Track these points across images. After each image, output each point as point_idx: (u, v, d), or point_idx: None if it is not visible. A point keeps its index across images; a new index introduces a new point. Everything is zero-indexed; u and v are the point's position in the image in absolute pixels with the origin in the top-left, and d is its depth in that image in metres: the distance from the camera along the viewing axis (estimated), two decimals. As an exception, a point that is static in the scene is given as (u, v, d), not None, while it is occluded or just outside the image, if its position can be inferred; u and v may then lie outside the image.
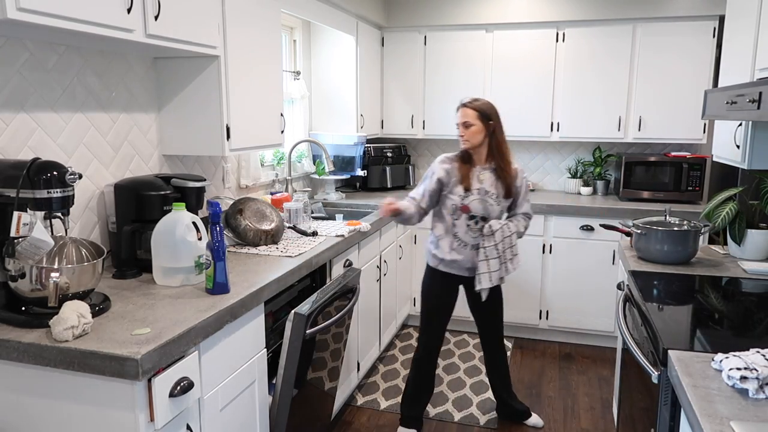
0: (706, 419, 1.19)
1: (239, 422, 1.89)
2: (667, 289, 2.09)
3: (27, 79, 1.88)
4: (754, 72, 2.28)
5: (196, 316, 1.65)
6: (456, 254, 2.61)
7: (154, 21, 1.89)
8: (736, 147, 2.37)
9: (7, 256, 1.56)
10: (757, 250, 2.43)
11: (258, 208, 2.62)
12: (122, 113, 2.29)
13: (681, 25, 3.77)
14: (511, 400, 2.96)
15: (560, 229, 3.84)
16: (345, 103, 4.00)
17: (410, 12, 4.26)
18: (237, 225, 2.48)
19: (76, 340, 1.46)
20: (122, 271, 2.02)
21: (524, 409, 2.97)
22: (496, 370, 2.92)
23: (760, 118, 1.64)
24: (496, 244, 2.52)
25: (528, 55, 4.07)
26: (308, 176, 4.03)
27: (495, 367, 2.92)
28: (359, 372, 3.19)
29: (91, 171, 2.15)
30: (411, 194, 2.63)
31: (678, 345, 1.57)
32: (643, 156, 3.92)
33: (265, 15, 2.65)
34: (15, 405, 1.52)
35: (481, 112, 2.50)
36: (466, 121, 2.51)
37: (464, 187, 2.54)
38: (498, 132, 2.54)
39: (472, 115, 2.50)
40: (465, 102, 2.55)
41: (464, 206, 2.55)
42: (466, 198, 2.54)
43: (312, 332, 2.05)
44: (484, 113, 2.50)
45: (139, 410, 1.42)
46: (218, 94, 2.36)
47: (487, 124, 2.51)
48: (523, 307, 4.01)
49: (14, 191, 1.54)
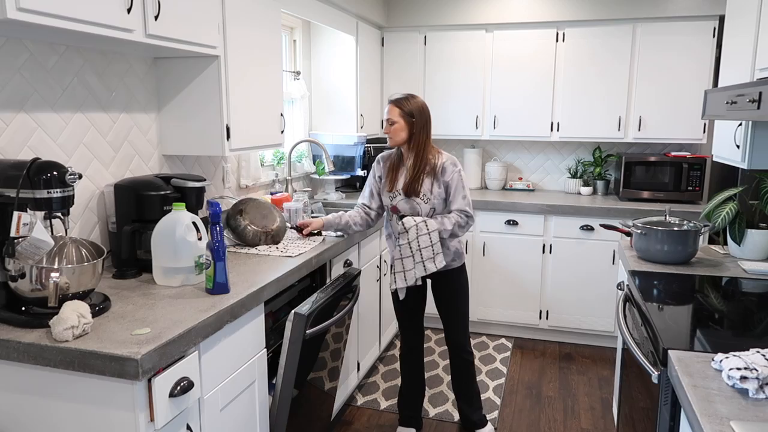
0: (706, 419, 1.19)
1: (239, 422, 1.89)
2: (667, 289, 2.09)
3: (27, 79, 1.88)
4: (754, 72, 2.28)
5: (196, 316, 1.65)
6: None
7: (154, 21, 1.89)
8: (736, 147, 2.37)
9: (7, 256, 1.56)
10: (757, 250, 2.43)
11: (259, 209, 2.62)
12: (122, 113, 2.29)
13: (681, 25, 3.77)
14: (466, 408, 2.81)
15: (560, 229, 3.84)
16: (345, 103, 4.00)
17: (410, 12, 4.26)
18: (237, 225, 2.48)
19: (76, 340, 1.46)
20: (122, 271, 2.02)
21: (477, 419, 2.81)
22: (455, 373, 2.77)
23: (760, 118, 1.64)
24: (409, 242, 2.44)
25: (528, 55, 4.07)
26: (308, 176, 4.03)
27: (454, 370, 2.77)
28: (359, 372, 3.19)
29: (91, 171, 2.15)
30: (359, 200, 2.69)
31: (678, 345, 1.57)
32: (643, 156, 3.92)
33: (265, 15, 2.65)
34: (15, 405, 1.52)
35: (404, 109, 2.47)
36: (389, 117, 2.50)
37: (389, 188, 2.57)
38: (419, 130, 2.48)
39: (395, 111, 2.49)
40: (392, 99, 2.52)
41: (393, 207, 2.57)
42: (394, 198, 2.55)
43: (312, 332, 2.05)
44: (407, 110, 2.47)
45: (139, 410, 1.42)
46: (218, 94, 2.36)
47: (410, 121, 2.48)
48: (523, 307, 4.01)
49: (14, 191, 1.54)
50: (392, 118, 2.48)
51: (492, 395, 3.26)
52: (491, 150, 4.62)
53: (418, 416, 2.85)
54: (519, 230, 3.92)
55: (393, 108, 2.49)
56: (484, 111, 4.23)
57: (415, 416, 2.84)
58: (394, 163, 2.59)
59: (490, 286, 4.04)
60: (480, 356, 3.77)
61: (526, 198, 4.03)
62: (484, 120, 4.24)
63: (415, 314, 2.75)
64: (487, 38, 4.15)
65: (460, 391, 2.81)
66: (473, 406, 2.82)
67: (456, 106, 4.27)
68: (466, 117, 4.27)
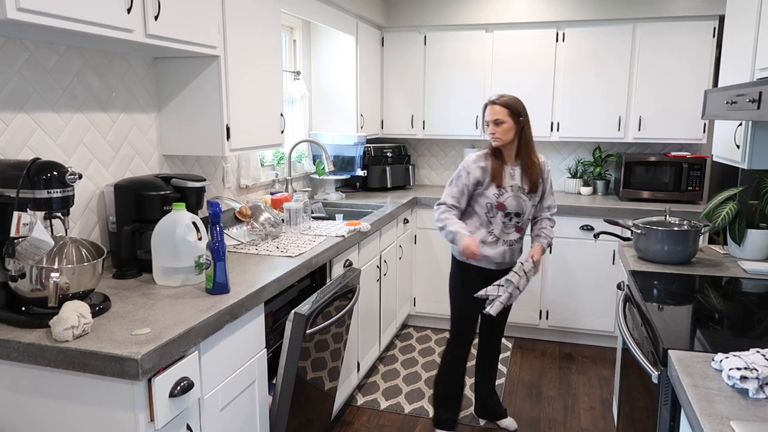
0: (706, 419, 1.19)
1: (239, 422, 1.89)
2: (667, 289, 2.09)
3: (27, 79, 1.88)
4: (754, 72, 2.28)
5: (196, 316, 1.65)
6: (488, 249, 2.60)
7: (154, 21, 1.89)
8: (736, 147, 2.37)
9: (7, 256, 1.56)
10: (757, 250, 2.43)
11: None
12: (122, 113, 2.29)
13: (681, 25, 3.77)
14: (491, 400, 2.96)
15: (560, 229, 3.84)
16: (345, 103, 4.00)
17: (410, 12, 4.26)
18: None
19: (76, 340, 1.46)
20: (122, 271, 2.02)
21: (501, 410, 2.97)
22: (488, 367, 2.92)
23: (760, 118, 1.64)
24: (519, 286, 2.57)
25: (528, 55, 4.07)
26: (308, 176, 4.03)
27: (487, 365, 2.92)
28: (359, 372, 3.19)
29: (91, 171, 2.15)
30: (445, 200, 2.59)
31: (678, 345, 1.57)
32: (643, 156, 3.92)
33: (265, 15, 2.65)
34: (15, 405, 1.52)
35: (512, 109, 2.50)
36: (498, 118, 2.49)
37: (497, 185, 2.54)
38: (527, 128, 2.55)
39: (503, 112, 2.49)
40: (493, 99, 2.53)
41: (500, 204, 2.55)
42: (500, 196, 2.55)
43: (312, 332, 2.05)
44: (515, 109, 2.50)
45: (139, 410, 1.42)
46: (218, 94, 2.36)
47: (518, 120, 2.51)
48: (523, 307, 4.01)
49: (14, 191, 1.54)
50: (501, 118, 2.49)
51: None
52: (491, 150, 4.61)
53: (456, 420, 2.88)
54: (519, 230, 3.92)
55: (501, 108, 2.50)
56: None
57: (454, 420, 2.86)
58: (493, 163, 2.55)
59: (490, 286, 4.04)
60: (480, 356, 3.78)
61: (526, 198, 4.03)
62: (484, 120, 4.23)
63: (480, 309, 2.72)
64: (487, 38, 4.15)
65: (488, 383, 2.94)
66: (494, 398, 2.97)
67: (456, 106, 4.27)
68: (466, 117, 4.27)
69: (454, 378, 2.78)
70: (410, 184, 4.52)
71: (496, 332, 2.88)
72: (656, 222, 2.51)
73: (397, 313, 3.90)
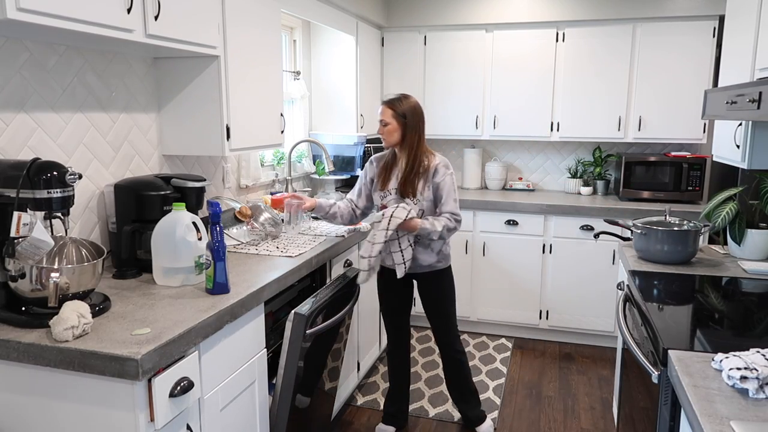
0: (706, 419, 1.19)
1: (239, 422, 1.89)
2: (667, 289, 2.09)
3: (27, 79, 1.88)
4: (754, 72, 2.28)
5: (196, 316, 1.65)
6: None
7: (154, 21, 1.89)
8: (736, 147, 2.37)
9: (7, 256, 1.56)
10: (757, 250, 2.43)
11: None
12: (122, 113, 2.29)
13: (681, 25, 3.77)
14: (462, 405, 2.85)
15: (560, 229, 3.84)
16: (345, 103, 3.99)
17: (410, 12, 4.26)
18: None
19: (76, 340, 1.46)
20: (122, 271, 2.02)
21: (475, 416, 2.84)
22: (446, 371, 2.80)
23: (760, 118, 1.64)
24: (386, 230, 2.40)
25: (528, 55, 4.07)
26: (308, 176, 4.03)
27: (446, 369, 2.80)
28: (359, 372, 3.18)
29: (91, 171, 2.15)
30: (348, 195, 2.73)
31: (678, 345, 1.57)
32: (643, 156, 3.92)
33: (265, 15, 2.65)
34: (15, 405, 1.52)
35: (396, 110, 2.47)
36: (382, 119, 2.50)
37: (380, 187, 2.57)
38: (412, 131, 2.48)
39: (388, 113, 2.49)
40: (385, 99, 2.53)
41: (383, 206, 2.57)
42: (384, 198, 2.56)
43: (312, 332, 2.05)
44: (400, 111, 2.47)
45: (139, 410, 1.42)
46: (218, 94, 2.36)
47: (402, 122, 2.47)
48: (523, 307, 4.01)
49: (14, 191, 1.54)
50: (385, 119, 2.49)
51: (492, 395, 3.26)
52: (491, 150, 4.62)
53: (399, 413, 2.85)
54: (519, 230, 3.92)
55: (386, 109, 2.49)
56: (484, 111, 4.23)
57: (396, 414, 2.85)
58: (388, 163, 2.59)
59: (490, 286, 4.04)
60: (480, 356, 3.77)
61: (526, 198, 4.03)
62: (484, 120, 4.24)
63: (401, 313, 2.76)
64: (487, 38, 4.14)
65: (456, 390, 2.83)
66: (470, 403, 2.84)
67: (456, 106, 4.27)
68: (466, 117, 4.27)
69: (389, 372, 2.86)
70: (410, 184, 4.50)
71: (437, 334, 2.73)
72: (656, 222, 2.51)
73: (397, 313, 3.90)
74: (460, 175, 4.63)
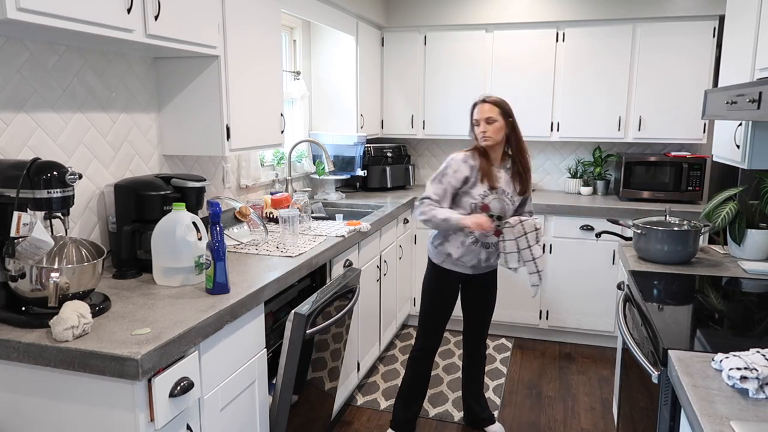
0: (706, 419, 1.19)
1: (239, 422, 1.89)
2: (667, 289, 2.09)
3: (27, 79, 1.88)
4: (754, 72, 2.28)
5: (196, 316, 1.65)
6: (465, 251, 2.55)
7: (154, 21, 1.89)
8: (736, 147, 2.37)
9: (7, 256, 1.56)
10: (757, 250, 2.43)
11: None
12: (122, 113, 2.29)
13: (681, 25, 3.77)
14: (477, 406, 2.89)
15: (560, 229, 3.84)
16: (345, 103, 4.00)
17: (410, 12, 4.26)
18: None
19: (76, 340, 1.46)
20: (122, 271, 2.02)
21: (487, 416, 2.90)
22: (473, 370, 2.85)
23: (760, 118, 1.64)
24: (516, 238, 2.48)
25: (528, 55, 4.07)
26: (308, 176, 4.03)
27: (473, 368, 2.85)
28: (359, 372, 3.19)
29: (91, 171, 2.15)
30: (429, 195, 2.49)
31: (678, 345, 1.57)
32: (643, 156, 3.92)
33: (265, 15, 2.65)
34: (15, 405, 1.52)
35: (502, 108, 2.48)
36: (490, 116, 2.45)
37: (489, 186, 2.48)
38: (517, 128, 2.53)
39: (494, 110, 2.46)
40: (483, 98, 2.51)
41: (484, 205, 2.48)
42: (486, 197, 2.49)
43: (312, 332, 2.05)
44: (505, 109, 2.48)
45: (139, 410, 1.42)
46: (218, 94, 2.36)
47: (508, 120, 2.49)
48: (523, 307, 4.01)
49: (14, 191, 1.54)
50: (493, 116, 2.45)
51: (492, 395, 3.26)
52: (491, 150, 4.62)
53: (413, 422, 2.79)
54: (519, 230, 3.92)
55: (493, 107, 2.47)
56: (484, 111, 4.22)
57: (410, 422, 2.78)
58: (482, 163, 2.50)
59: (490, 286, 4.04)
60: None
61: (526, 198, 4.03)
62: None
63: (449, 316, 2.69)
64: (487, 38, 4.15)
65: (474, 388, 2.87)
66: (482, 404, 2.90)
67: (456, 106, 4.27)
68: (466, 117, 4.20)
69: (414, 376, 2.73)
70: (410, 184, 4.52)
71: (479, 333, 2.79)
72: (656, 222, 2.51)
73: (397, 313, 3.90)
74: (460, 175, 4.64)
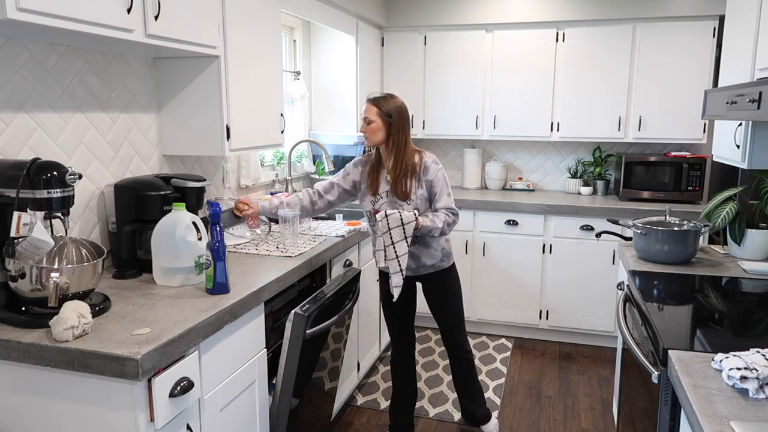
0: (706, 419, 1.19)
1: (239, 422, 1.89)
2: (667, 289, 2.09)
3: (27, 79, 1.88)
4: (754, 72, 2.28)
5: (196, 316, 1.65)
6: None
7: (154, 21, 1.89)
8: (736, 147, 2.37)
9: (7, 256, 1.56)
10: (757, 250, 2.43)
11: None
12: (122, 113, 2.29)
13: (681, 25, 3.77)
14: (470, 404, 2.87)
15: (560, 229, 3.84)
16: (345, 103, 3.99)
17: (410, 12, 4.26)
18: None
19: (76, 340, 1.46)
20: (122, 271, 2.02)
21: (481, 414, 2.87)
22: (455, 371, 2.80)
23: (760, 118, 1.64)
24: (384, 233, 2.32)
25: (528, 55, 4.07)
26: (308, 176, 4.03)
27: (455, 369, 2.80)
28: (359, 372, 3.19)
29: (91, 171, 2.15)
30: (316, 186, 2.61)
31: (678, 345, 1.57)
32: (643, 156, 3.92)
33: (265, 15, 2.65)
34: (15, 405, 1.52)
35: (382, 109, 2.40)
36: (366, 117, 2.43)
37: (371, 192, 2.50)
38: (398, 131, 2.41)
39: (372, 111, 2.40)
40: (370, 97, 2.46)
41: (375, 211, 2.49)
42: (376, 203, 2.49)
43: (312, 332, 2.05)
44: (385, 110, 2.40)
45: (139, 410, 1.42)
46: (218, 94, 2.36)
47: (387, 121, 2.41)
48: (523, 307, 4.01)
49: (14, 191, 1.54)
50: (369, 117, 2.41)
51: (492, 395, 3.26)
52: (491, 150, 4.62)
53: (408, 423, 2.82)
54: (519, 230, 3.92)
55: (371, 107, 2.42)
56: (484, 111, 4.23)
57: (405, 423, 2.81)
58: (374, 166, 2.51)
59: (490, 286, 4.04)
60: (480, 356, 3.77)
61: (526, 198, 4.03)
62: (484, 120, 4.24)
63: (406, 319, 2.70)
64: (487, 38, 4.15)
65: (463, 389, 2.83)
66: (476, 402, 2.85)
67: (456, 106, 4.27)
68: (466, 117, 4.27)
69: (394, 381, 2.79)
70: (410, 184, 4.51)
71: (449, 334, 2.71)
72: (656, 222, 2.51)
73: (397, 313, 3.90)
74: (460, 175, 4.64)
